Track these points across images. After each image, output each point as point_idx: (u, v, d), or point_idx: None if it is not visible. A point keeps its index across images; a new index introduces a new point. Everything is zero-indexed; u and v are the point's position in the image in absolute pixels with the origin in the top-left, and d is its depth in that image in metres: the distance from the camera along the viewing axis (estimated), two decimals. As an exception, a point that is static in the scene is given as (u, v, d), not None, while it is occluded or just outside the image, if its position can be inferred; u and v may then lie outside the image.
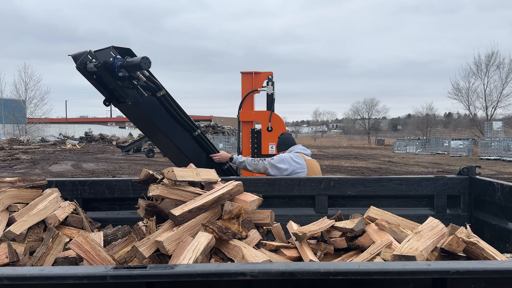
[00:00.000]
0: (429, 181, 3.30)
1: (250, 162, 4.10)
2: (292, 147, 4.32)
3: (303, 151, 4.27)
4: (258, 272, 1.31)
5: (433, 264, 1.39)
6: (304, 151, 4.26)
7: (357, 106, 65.31)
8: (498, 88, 38.18)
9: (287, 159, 4.04)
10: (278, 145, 4.48)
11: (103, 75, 3.36)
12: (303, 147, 4.37)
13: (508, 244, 2.71)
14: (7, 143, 31.23)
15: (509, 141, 25.14)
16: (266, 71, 5.35)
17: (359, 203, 3.22)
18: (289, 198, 3.28)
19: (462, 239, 1.93)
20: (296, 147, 4.33)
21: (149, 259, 2.07)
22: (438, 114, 62.80)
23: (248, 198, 2.38)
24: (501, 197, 2.87)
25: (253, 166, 4.06)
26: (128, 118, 3.91)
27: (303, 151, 4.25)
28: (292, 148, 4.30)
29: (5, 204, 2.57)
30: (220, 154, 4.10)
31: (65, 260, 2.24)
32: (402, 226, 2.33)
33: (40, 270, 1.32)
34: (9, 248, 2.16)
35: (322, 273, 1.31)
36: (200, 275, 1.30)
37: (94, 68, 3.30)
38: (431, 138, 37.93)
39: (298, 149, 4.29)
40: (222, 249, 2.10)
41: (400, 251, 1.82)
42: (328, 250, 2.27)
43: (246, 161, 4.11)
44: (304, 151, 4.27)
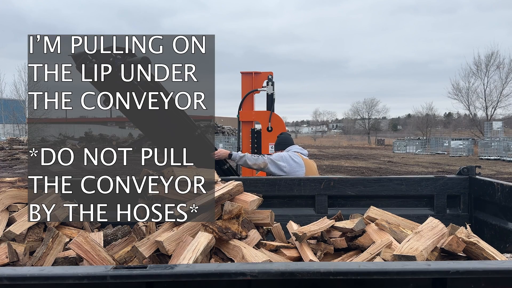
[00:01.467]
0: (429, 181, 3.30)
1: (250, 157, 4.11)
2: (290, 147, 4.34)
3: (301, 150, 4.31)
4: (258, 272, 1.30)
5: (433, 264, 1.39)
6: (301, 151, 4.30)
7: (357, 106, 65.42)
8: (498, 88, 38.25)
9: (286, 158, 4.07)
10: (276, 145, 4.51)
11: None
12: (300, 147, 4.40)
13: (508, 244, 2.71)
14: (7, 143, 31.23)
15: (509, 141, 25.15)
16: (266, 71, 5.36)
17: (359, 203, 3.22)
18: (289, 198, 3.28)
19: (462, 239, 1.93)
20: (293, 147, 4.36)
21: (149, 259, 2.07)
22: (438, 114, 62.90)
23: (248, 198, 2.38)
24: (501, 197, 2.87)
25: (253, 161, 4.08)
26: (128, 118, 3.88)
27: (300, 151, 4.29)
28: (290, 148, 4.33)
29: (5, 204, 2.57)
30: (218, 151, 4.08)
31: (65, 260, 2.24)
32: (402, 226, 2.33)
33: (40, 270, 1.32)
34: (9, 248, 2.16)
35: (322, 273, 1.31)
36: (200, 275, 1.30)
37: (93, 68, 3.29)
38: (431, 138, 38.00)
39: (296, 149, 4.32)
40: (222, 249, 2.10)
41: (400, 251, 1.82)
42: (328, 250, 2.27)
43: (246, 156, 4.12)
44: (302, 151, 4.31)
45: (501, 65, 37.98)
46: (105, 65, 3.29)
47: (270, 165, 4.01)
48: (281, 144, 4.43)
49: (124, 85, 3.38)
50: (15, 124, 40.26)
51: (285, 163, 4.03)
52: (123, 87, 3.38)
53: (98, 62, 3.25)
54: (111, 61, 3.29)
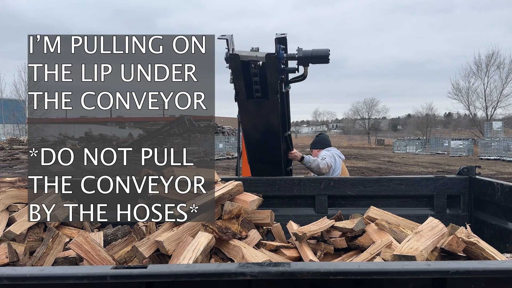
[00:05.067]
0: (429, 181, 3.30)
1: (320, 161, 4.20)
2: (329, 148, 4.59)
3: (340, 154, 4.58)
4: (258, 272, 1.30)
5: (433, 264, 1.39)
6: (340, 155, 4.57)
7: (357, 106, 65.36)
8: (498, 88, 38.20)
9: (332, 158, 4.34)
10: (315, 143, 4.71)
11: (268, 66, 2.92)
12: (338, 150, 4.67)
13: (508, 244, 2.71)
14: (7, 143, 31.23)
15: (509, 141, 25.15)
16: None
17: (359, 203, 3.22)
18: (289, 198, 3.28)
19: (462, 239, 1.93)
20: (332, 149, 4.61)
21: (149, 259, 2.07)
22: (438, 114, 62.87)
23: (248, 198, 2.39)
24: (501, 197, 2.87)
25: (323, 165, 4.19)
26: (247, 116, 3.43)
27: (339, 155, 4.56)
28: (329, 149, 4.56)
29: (5, 204, 2.57)
30: (294, 152, 4.06)
31: (65, 260, 2.24)
32: (402, 226, 2.33)
33: (40, 270, 1.32)
34: (9, 248, 2.16)
35: (322, 273, 1.31)
36: (200, 275, 1.30)
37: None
38: (431, 138, 38.00)
39: (335, 151, 4.58)
40: (222, 249, 2.10)
41: (400, 251, 1.82)
42: (328, 250, 2.27)
43: (317, 160, 4.22)
44: (340, 155, 4.58)
45: (502, 65, 37.99)
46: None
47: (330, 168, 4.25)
48: (321, 143, 4.65)
49: (280, 79, 3.17)
50: (15, 124, 40.23)
51: (334, 164, 4.32)
52: (279, 80, 3.16)
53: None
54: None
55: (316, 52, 2.99)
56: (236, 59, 2.91)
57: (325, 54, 2.98)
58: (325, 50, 3.00)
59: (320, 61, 3.03)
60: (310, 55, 2.99)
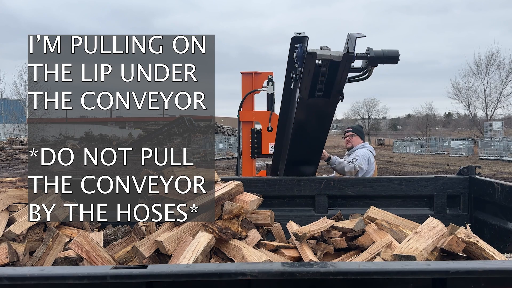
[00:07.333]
0: (429, 181, 3.30)
1: (346, 164, 4.21)
2: (365, 144, 4.63)
3: (373, 151, 4.59)
4: (258, 272, 1.31)
5: (433, 264, 1.39)
6: (373, 152, 4.58)
7: (357, 106, 65.26)
8: (498, 88, 38.23)
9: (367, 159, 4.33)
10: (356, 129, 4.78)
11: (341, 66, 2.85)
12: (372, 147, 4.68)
13: (508, 244, 2.71)
14: (7, 143, 31.22)
15: (509, 141, 25.16)
16: (266, 71, 5.35)
17: (359, 203, 3.22)
18: (289, 198, 3.28)
19: (462, 239, 1.94)
20: (367, 144, 4.64)
21: (149, 259, 2.07)
22: (438, 114, 62.88)
23: (248, 198, 2.39)
24: (501, 197, 2.87)
25: (349, 168, 4.21)
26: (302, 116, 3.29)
27: (373, 152, 4.57)
28: (364, 145, 4.60)
29: (5, 204, 2.57)
30: (323, 152, 3.99)
31: (65, 260, 2.24)
32: (402, 226, 2.33)
33: (40, 270, 1.32)
34: (9, 248, 2.16)
35: (322, 273, 1.31)
36: (200, 275, 1.30)
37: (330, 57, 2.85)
38: (431, 138, 37.98)
39: (370, 148, 4.58)
40: (222, 249, 2.10)
41: (400, 251, 1.82)
42: (328, 250, 2.27)
43: (344, 163, 4.22)
44: (373, 152, 4.59)
45: (501, 65, 38.00)
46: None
47: (359, 172, 4.23)
48: (361, 133, 4.73)
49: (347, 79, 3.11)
50: (15, 124, 40.22)
51: (365, 166, 4.29)
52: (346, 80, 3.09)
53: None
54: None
55: (388, 53, 2.97)
56: (314, 57, 2.80)
57: (396, 55, 2.96)
58: (395, 51, 2.98)
59: (389, 62, 3.00)
60: (382, 55, 2.96)
